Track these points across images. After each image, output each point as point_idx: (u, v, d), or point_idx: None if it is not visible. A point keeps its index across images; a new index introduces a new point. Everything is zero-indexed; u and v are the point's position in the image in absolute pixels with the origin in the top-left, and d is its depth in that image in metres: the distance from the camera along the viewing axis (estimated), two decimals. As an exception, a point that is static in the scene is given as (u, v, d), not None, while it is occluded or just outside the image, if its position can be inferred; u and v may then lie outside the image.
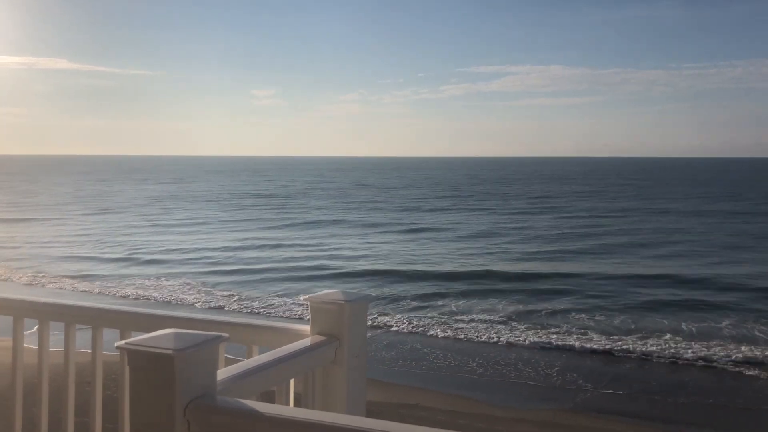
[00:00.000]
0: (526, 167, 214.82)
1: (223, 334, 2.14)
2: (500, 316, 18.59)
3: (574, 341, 16.19)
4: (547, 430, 11.37)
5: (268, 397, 2.61)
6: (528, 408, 12.51)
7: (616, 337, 16.56)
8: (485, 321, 18.14)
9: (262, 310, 19.03)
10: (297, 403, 2.71)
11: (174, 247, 31.10)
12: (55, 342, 3.46)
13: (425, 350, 15.96)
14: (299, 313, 18.36)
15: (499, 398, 13.05)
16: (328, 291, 2.88)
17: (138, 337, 2.09)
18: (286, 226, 41.37)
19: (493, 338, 16.65)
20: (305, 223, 43.15)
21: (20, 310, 3.50)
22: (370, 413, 9.48)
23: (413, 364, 15.09)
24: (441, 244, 33.18)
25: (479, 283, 23.40)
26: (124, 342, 2.07)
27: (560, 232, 38.09)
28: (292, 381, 2.71)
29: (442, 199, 66.99)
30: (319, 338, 2.76)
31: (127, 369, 2.22)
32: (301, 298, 2.84)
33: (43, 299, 3.49)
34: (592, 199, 66.70)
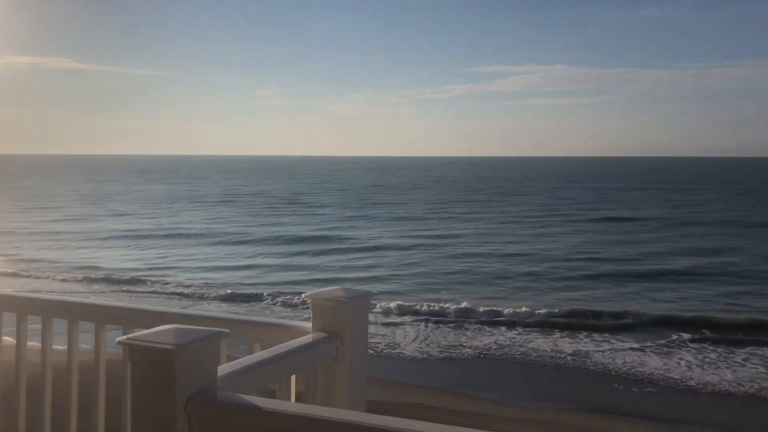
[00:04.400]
0: (539, 167, 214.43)
1: (224, 330, 2.15)
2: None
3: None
4: (552, 429, 11.35)
5: (269, 395, 2.62)
6: (534, 407, 12.51)
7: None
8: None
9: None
10: (298, 400, 2.71)
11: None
12: (58, 340, 3.48)
13: (431, 348, 15.98)
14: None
15: (504, 397, 13.04)
16: (330, 288, 2.89)
17: (139, 333, 2.11)
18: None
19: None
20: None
21: (23, 307, 3.52)
22: (372, 412, 9.51)
23: (416, 362, 15.10)
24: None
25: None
26: (125, 337, 2.08)
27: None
28: (293, 378, 2.72)
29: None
30: (320, 335, 2.77)
31: (128, 364, 2.24)
32: (302, 295, 2.85)
33: (47, 296, 3.51)
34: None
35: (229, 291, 21.25)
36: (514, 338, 16.60)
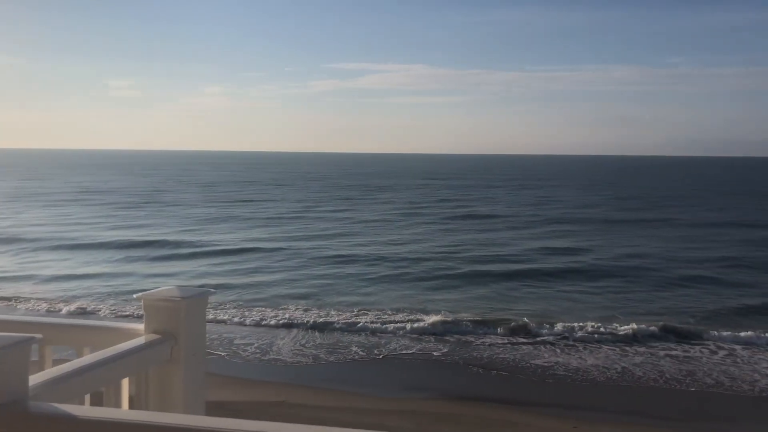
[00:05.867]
0: (402, 164, 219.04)
1: (35, 335, 2.00)
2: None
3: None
4: (415, 418, 11.69)
5: (99, 400, 2.50)
6: (397, 397, 12.82)
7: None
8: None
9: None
10: (131, 405, 2.60)
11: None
12: None
13: (283, 344, 15.92)
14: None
15: (369, 390, 13.26)
16: (164, 288, 2.79)
17: None
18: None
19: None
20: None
21: None
22: (233, 413, 9.27)
23: (278, 359, 15.00)
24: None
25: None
26: None
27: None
28: (125, 382, 2.60)
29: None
30: (153, 336, 2.67)
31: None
32: (134, 296, 2.71)
33: None
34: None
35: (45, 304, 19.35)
36: (380, 339, 16.94)
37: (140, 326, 2.77)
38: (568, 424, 11.68)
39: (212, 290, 2.98)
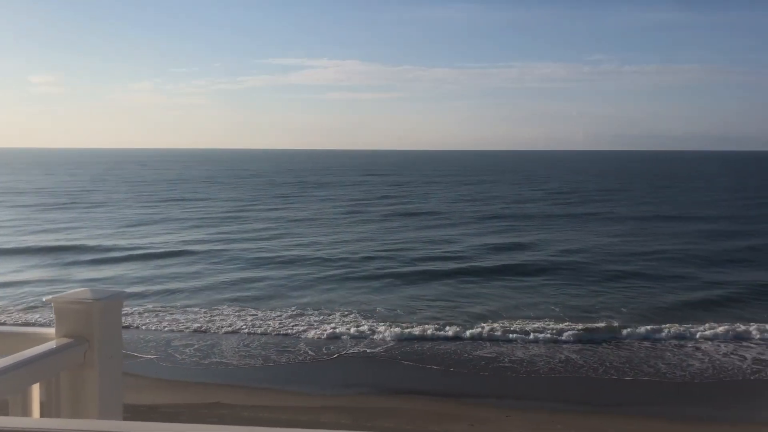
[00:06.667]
0: (337, 160, 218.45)
1: None
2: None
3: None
4: (351, 414, 11.71)
5: (4, 408, 2.40)
6: (334, 394, 12.82)
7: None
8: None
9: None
10: (42, 413, 2.51)
11: None
12: None
13: (216, 344, 15.70)
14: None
15: (306, 388, 13.20)
16: (76, 290, 2.69)
17: None
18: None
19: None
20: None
21: None
22: (166, 417, 9.01)
23: (215, 362, 14.77)
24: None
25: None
26: None
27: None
28: (35, 388, 2.50)
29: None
30: (65, 341, 2.58)
31: None
32: (43, 299, 2.61)
33: None
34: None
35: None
36: (320, 339, 16.89)
37: (50, 330, 2.68)
38: (503, 413, 11.95)
39: (126, 292, 2.91)
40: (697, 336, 16.07)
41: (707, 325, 16.82)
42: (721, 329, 16.40)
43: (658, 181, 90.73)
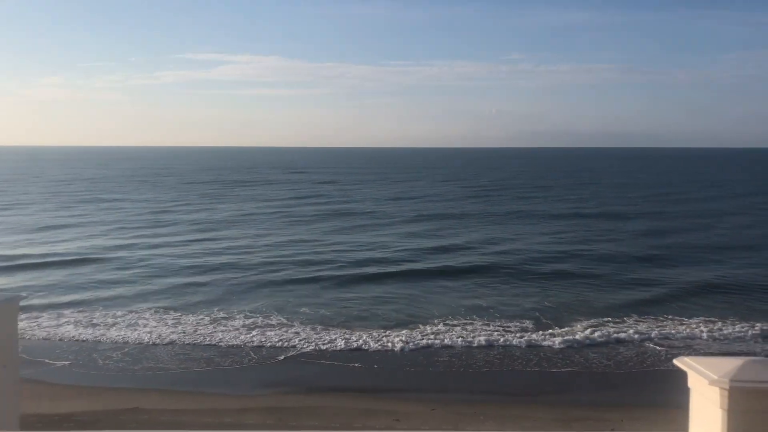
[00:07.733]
0: (256, 157, 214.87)
1: None
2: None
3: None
4: (275, 414, 11.58)
5: None
6: (256, 395, 12.64)
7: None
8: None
9: None
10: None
11: None
12: None
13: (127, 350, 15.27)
14: None
15: (228, 390, 12.98)
16: (-35, 294, 2.53)
17: None
18: None
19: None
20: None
21: None
22: (81, 425, 8.61)
23: (131, 366, 14.33)
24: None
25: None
26: None
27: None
28: None
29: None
30: None
31: None
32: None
33: None
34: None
35: None
36: (237, 343, 16.66)
37: (-62, 338, 2.51)
38: (427, 407, 12.09)
39: (23, 294, 2.75)
40: (614, 335, 16.55)
41: (631, 320, 17.58)
42: (643, 326, 17.14)
43: (585, 177, 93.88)
